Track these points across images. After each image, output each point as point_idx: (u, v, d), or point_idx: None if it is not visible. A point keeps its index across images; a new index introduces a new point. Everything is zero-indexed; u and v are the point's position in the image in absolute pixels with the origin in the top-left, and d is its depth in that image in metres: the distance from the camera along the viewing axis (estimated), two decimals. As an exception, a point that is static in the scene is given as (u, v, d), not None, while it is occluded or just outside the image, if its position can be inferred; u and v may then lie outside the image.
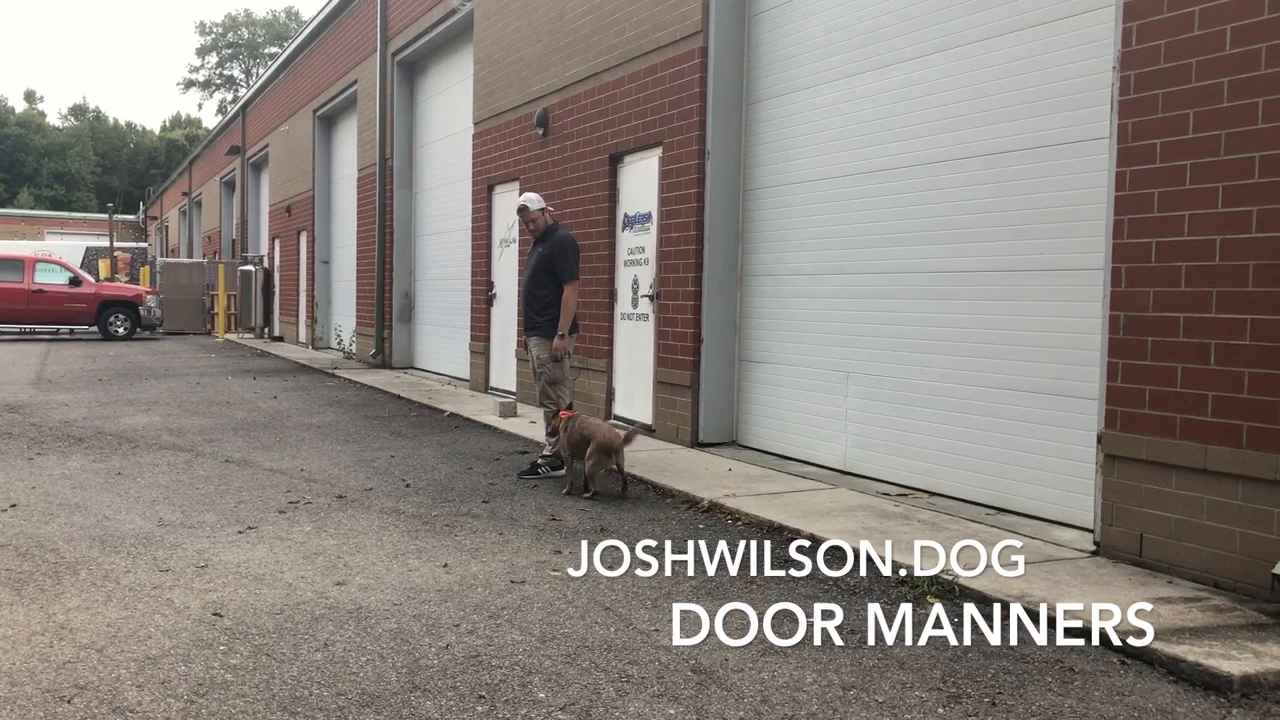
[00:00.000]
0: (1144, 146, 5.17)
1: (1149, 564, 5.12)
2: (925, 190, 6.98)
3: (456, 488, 7.39)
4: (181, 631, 4.30)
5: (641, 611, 4.65)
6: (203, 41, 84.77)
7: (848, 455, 7.66)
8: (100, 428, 10.10)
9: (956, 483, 6.71)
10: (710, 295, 8.85)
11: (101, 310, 25.31)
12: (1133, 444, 5.21)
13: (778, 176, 8.49)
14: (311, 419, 11.07)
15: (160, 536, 5.87)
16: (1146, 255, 5.16)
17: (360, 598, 4.80)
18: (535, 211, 7.90)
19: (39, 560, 5.34)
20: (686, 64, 8.94)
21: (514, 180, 12.55)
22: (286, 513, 6.54)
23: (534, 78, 11.96)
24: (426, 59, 16.76)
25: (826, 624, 4.42)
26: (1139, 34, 5.20)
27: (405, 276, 17.47)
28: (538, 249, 7.90)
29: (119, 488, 7.24)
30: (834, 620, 4.45)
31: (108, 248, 39.79)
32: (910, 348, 7.10)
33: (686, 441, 8.92)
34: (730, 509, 6.48)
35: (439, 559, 5.48)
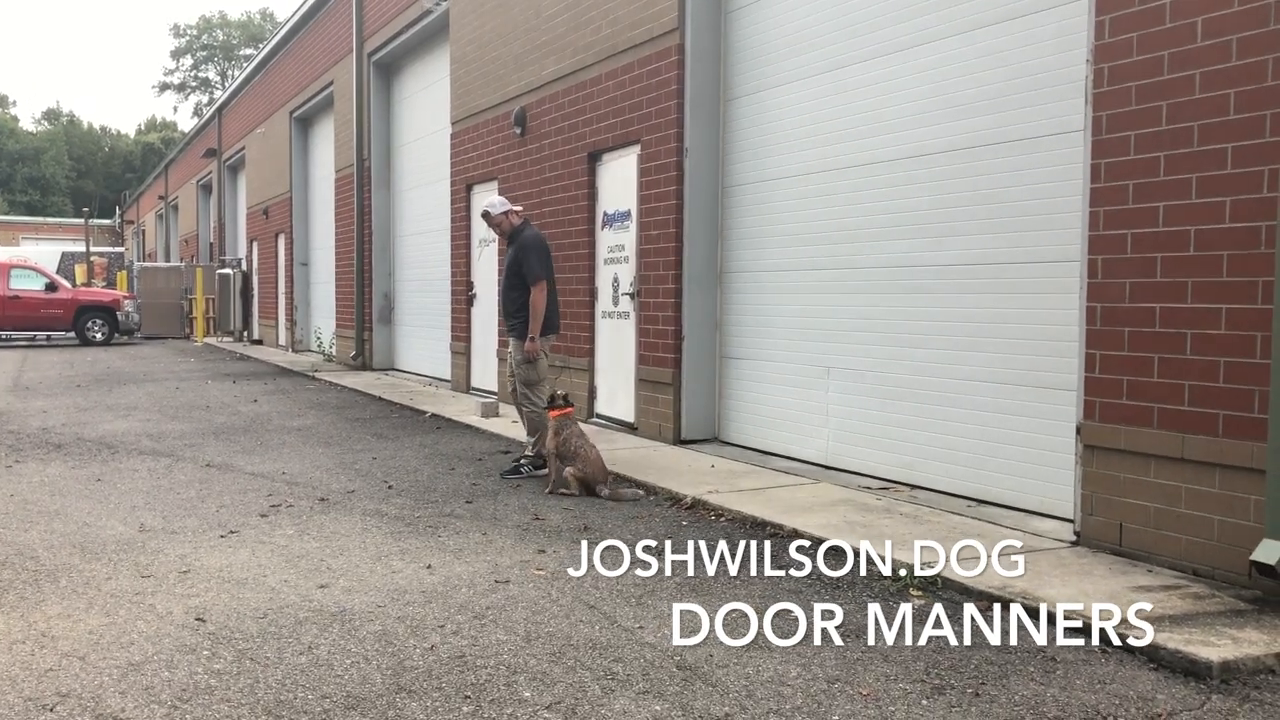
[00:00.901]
0: (1118, 139, 5.21)
1: (1129, 553, 5.17)
2: (903, 185, 7.01)
3: (439, 489, 7.38)
4: (164, 637, 4.28)
5: (626, 609, 4.65)
6: (177, 44, 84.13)
7: (829, 450, 7.69)
8: (79, 434, 10.03)
9: (937, 476, 6.74)
10: (691, 292, 8.86)
11: (79, 316, 25.13)
12: (1111, 434, 5.26)
13: (756, 173, 8.51)
14: (292, 422, 11.03)
15: (141, 542, 5.83)
16: (1122, 247, 5.20)
17: (344, 600, 4.78)
18: (498, 216, 7.92)
19: (18, 568, 5.30)
20: (663, 61, 8.95)
21: (492, 180, 12.54)
22: (269, 516, 6.51)
23: (511, 76, 11.94)
24: (403, 59, 16.71)
25: (810, 618, 4.43)
26: (1112, 27, 5.24)
27: (385, 278, 17.42)
28: (509, 251, 7.89)
29: (99, 494, 7.19)
30: (817, 614, 4.47)
31: (83, 252, 39.47)
32: (891, 342, 7.13)
33: (669, 439, 8.93)
34: (713, 505, 6.49)
35: (422, 560, 5.47)
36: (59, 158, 76.10)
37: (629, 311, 9.58)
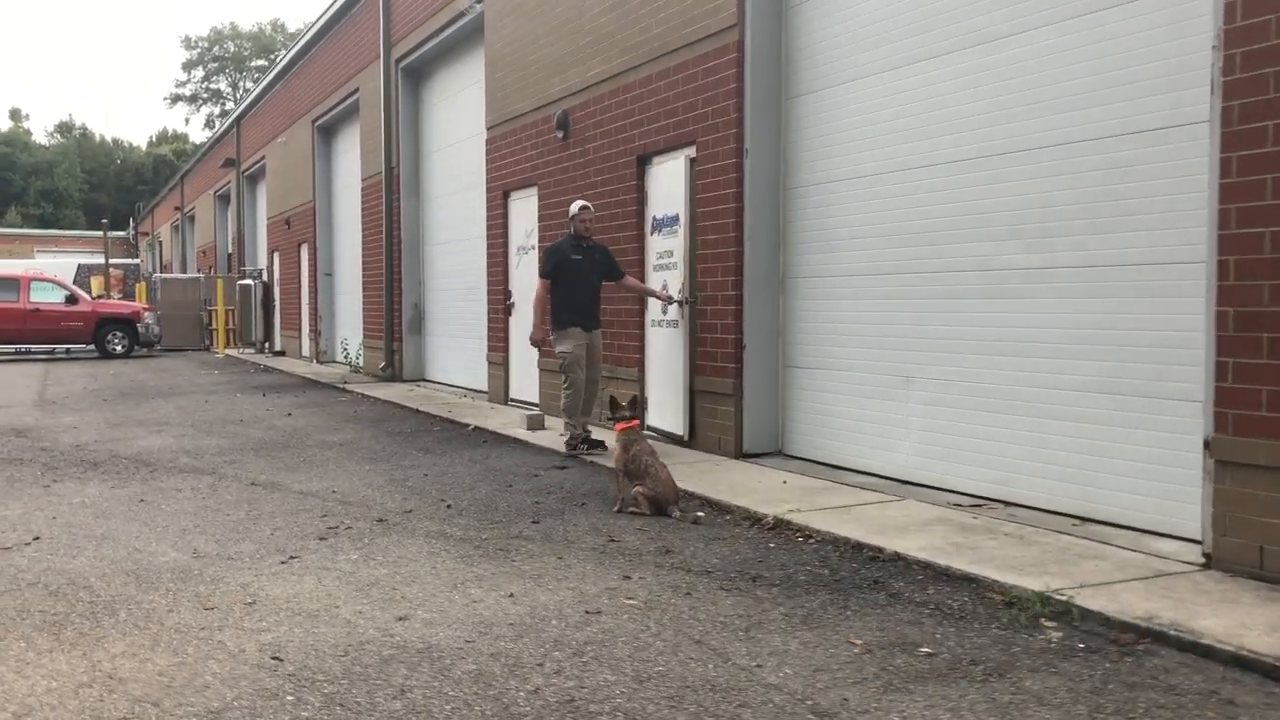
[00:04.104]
0: (1253, 130, 4.83)
1: (1271, 578, 4.76)
2: (990, 184, 6.63)
3: (501, 508, 7.01)
4: (241, 679, 3.91)
5: (736, 644, 4.27)
6: (188, 56, 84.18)
7: (910, 464, 7.29)
8: (114, 451, 9.70)
9: (1035, 492, 6.35)
10: (752, 299, 8.48)
11: (99, 328, 24.89)
12: (1248, 449, 4.86)
13: (821, 174, 8.13)
14: (332, 437, 10.68)
15: (198, 570, 5.48)
16: (1259, 246, 4.81)
17: (428, 634, 4.41)
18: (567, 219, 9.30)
19: (72, 600, 4.94)
20: (722, 59, 8.58)
21: (531, 185, 12.18)
22: (328, 539, 6.15)
23: (551, 79, 11.60)
24: (432, 64, 16.39)
25: (941, 654, 4.06)
26: (1244, 9, 4.85)
27: (415, 287, 17.08)
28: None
29: (145, 516, 6.84)
30: (948, 649, 4.10)
31: (99, 265, 39.29)
32: (979, 349, 6.74)
33: (730, 453, 8.55)
34: (799, 526, 6.11)
35: (502, 588, 5.10)
36: (72, 170, 76.06)
37: (678, 320, 9.20)
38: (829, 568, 5.38)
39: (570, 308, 8.98)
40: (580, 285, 9.02)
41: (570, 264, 8.98)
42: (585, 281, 9.05)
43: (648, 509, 6.65)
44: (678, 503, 6.67)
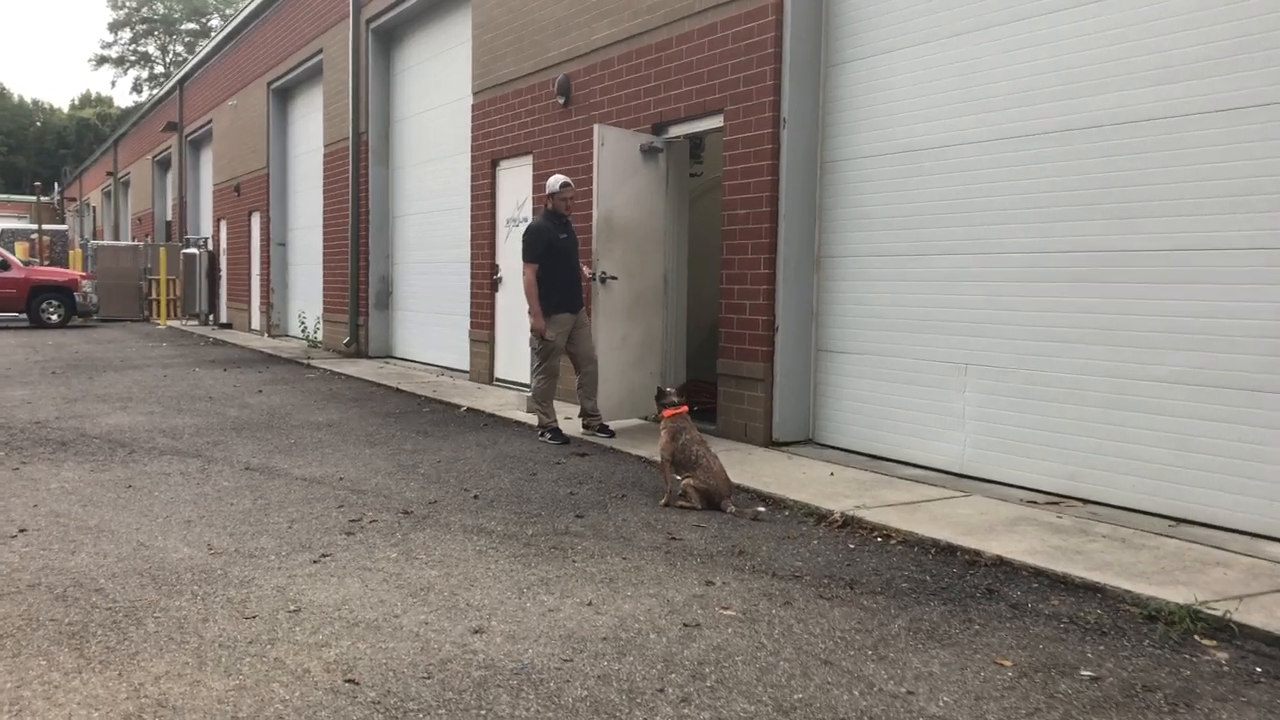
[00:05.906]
0: None
1: None
2: (1068, 160, 6.20)
3: (533, 499, 6.45)
4: (318, 708, 3.32)
5: (872, 665, 3.79)
6: (115, 16, 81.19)
7: (965, 456, 6.88)
8: (80, 429, 8.91)
9: (1116, 489, 5.96)
10: (786, 278, 7.99)
11: (33, 296, 23.59)
12: (1392, 450, 4.50)
13: (864, 147, 7.65)
14: (316, 416, 9.98)
15: (220, 569, 4.85)
16: None
17: (515, 651, 3.86)
18: (545, 196, 8.72)
19: (87, 606, 4.29)
20: (757, 22, 8.05)
21: (525, 154, 11.54)
22: (355, 534, 5.54)
23: (551, 42, 10.96)
24: (406, 25, 15.58)
25: (1106, 677, 3.63)
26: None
27: (383, 259, 16.31)
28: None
29: (138, 505, 6.16)
30: (1110, 671, 3.67)
31: (24, 230, 37.51)
32: (1049, 336, 6.33)
33: (759, 440, 8.07)
34: (873, 524, 5.65)
35: (575, 594, 4.56)
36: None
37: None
38: (928, 573, 4.93)
39: (558, 290, 8.46)
40: (565, 266, 8.51)
41: (557, 245, 8.45)
42: (569, 262, 8.54)
43: (698, 503, 6.14)
44: (731, 496, 6.18)
